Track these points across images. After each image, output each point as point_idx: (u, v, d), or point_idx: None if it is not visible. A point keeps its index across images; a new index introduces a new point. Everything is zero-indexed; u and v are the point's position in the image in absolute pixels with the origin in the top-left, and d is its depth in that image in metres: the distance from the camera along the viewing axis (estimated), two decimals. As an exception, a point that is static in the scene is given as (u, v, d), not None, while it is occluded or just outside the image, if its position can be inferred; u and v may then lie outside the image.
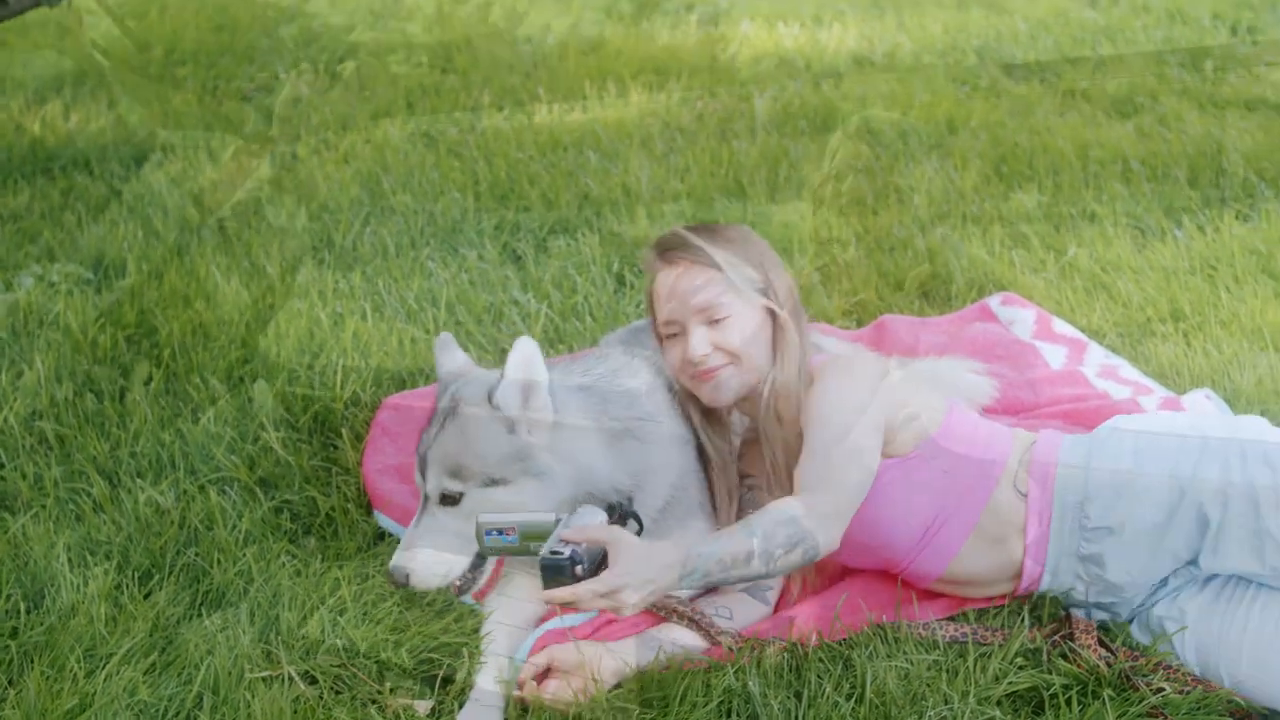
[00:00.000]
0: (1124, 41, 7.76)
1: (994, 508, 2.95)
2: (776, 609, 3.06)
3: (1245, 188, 5.37)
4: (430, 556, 2.85)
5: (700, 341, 2.95)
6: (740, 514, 3.09)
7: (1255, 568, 2.74)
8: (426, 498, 2.89)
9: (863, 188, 4.60)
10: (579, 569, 2.52)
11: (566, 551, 2.53)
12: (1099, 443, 3.00)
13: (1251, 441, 2.90)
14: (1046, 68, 7.29)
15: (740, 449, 3.24)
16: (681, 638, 2.90)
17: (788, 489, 2.92)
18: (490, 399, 2.86)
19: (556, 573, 2.52)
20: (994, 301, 4.33)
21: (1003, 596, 3.01)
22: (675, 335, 3.03)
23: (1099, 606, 2.95)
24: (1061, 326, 4.16)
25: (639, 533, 2.89)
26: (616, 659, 2.81)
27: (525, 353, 2.86)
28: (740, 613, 3.00)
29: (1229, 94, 6.75)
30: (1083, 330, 4.20)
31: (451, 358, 3.09)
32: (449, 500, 2.85)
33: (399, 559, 2.84)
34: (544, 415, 2.88)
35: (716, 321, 2.97)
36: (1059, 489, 2.94)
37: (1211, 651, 2.76)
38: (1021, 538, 2.94)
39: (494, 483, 2.81)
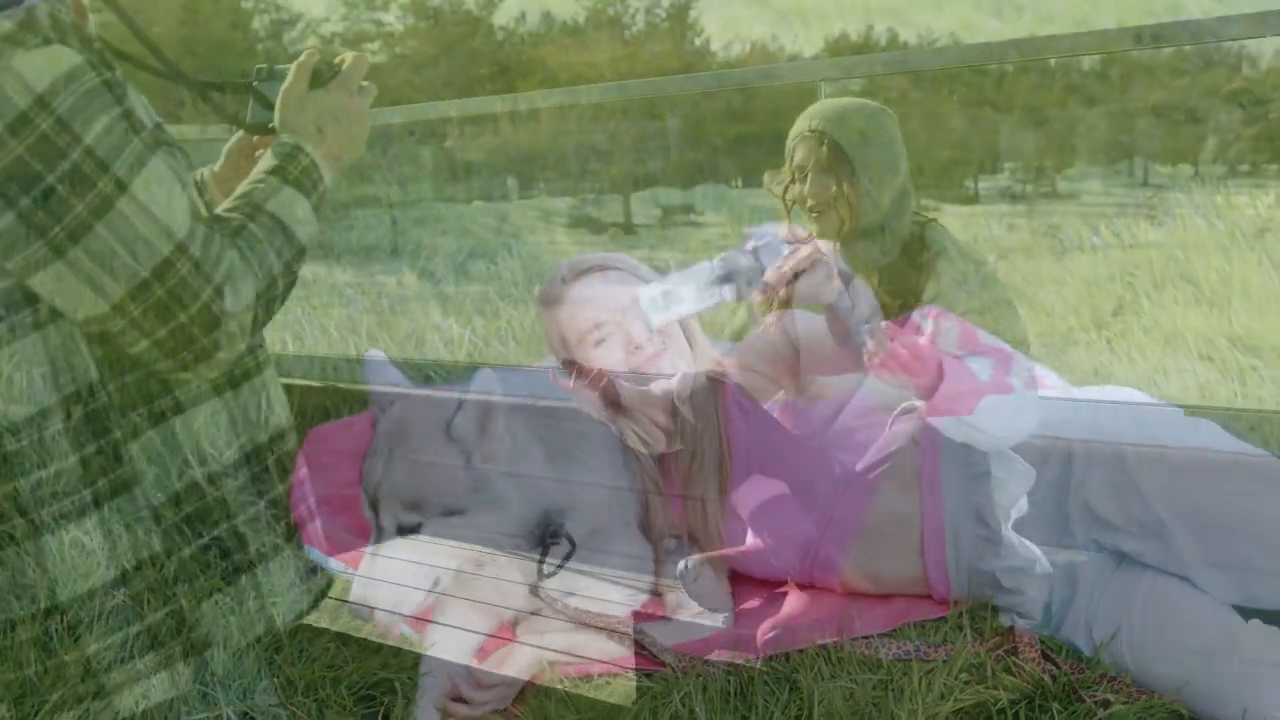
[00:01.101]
0: (1031, 51, 7.83)
1: (896, 455, 3.11)
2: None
3: (1158, 193, 5.44)
4: (392, 587, 2.83)
5: (641, 327, 3.06)
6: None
7: (1115, 517, 2.82)
8: (380, 529, 2.87)
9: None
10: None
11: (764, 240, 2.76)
12: (982, 407, 3.16)
13: (1123, 402, 3.17)
14: (956, 78, 7.35)
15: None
16: (608, 647, 2.91)
17: (702, 494, 3.09)
18: (449, 430, 2.83)
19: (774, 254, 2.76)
20: (919, 315, 4.34)
21: (943, 604, 3.03)
22: (602, 340, 3.11)
23: (1009, 600, 3.00)
24: (986, 338, 4.17)
25: (570, 554, 2.89)
26: (531, 650, 2.84)
27: (484, 382, 2.84)
28: (682, 630, 2.99)
29: (1136, 101, 6.84)
30: (1006, 341, 4.22)
31: (384, 376, 3.07)
32: (406, 532, 2.83)
33: (361, 594, 2.83)
34: (501, 444, 2.87)
35: None
36: (946, 440, 3.08)
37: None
38: (918, 487, 3.05)
39: (452, 513, 2.79)
